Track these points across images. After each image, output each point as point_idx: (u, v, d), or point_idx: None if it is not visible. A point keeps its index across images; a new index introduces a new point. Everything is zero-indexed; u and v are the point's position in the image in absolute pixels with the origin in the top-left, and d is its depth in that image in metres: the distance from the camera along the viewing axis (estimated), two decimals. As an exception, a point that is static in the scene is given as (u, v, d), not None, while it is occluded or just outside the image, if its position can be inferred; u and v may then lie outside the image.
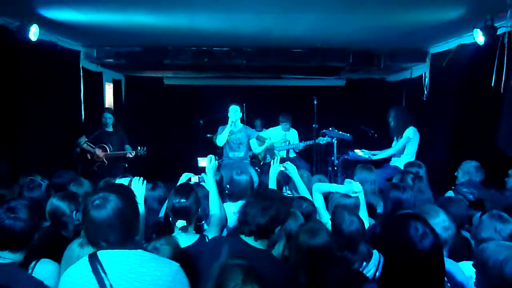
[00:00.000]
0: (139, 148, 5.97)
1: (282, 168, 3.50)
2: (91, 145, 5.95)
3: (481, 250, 1.76)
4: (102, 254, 1.72)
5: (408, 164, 4.35)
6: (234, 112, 5.64)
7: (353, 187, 3.12)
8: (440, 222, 2.40)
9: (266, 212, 2.16)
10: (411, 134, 5.59)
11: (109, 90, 8.08)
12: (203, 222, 2.91)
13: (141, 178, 2.78)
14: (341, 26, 5.16)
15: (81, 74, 6.51)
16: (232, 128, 5.66)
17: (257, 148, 5.92)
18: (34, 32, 4.59)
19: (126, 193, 1.80)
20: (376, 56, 6.86)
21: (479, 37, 4.25)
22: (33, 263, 2.13)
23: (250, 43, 6.56)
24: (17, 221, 2.02)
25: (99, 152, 5.92)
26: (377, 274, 2.50)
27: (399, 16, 4.63)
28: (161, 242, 2.16)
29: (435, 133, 5.90)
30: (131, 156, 5.92)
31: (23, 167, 4.47)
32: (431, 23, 4.84)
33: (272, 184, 3.47)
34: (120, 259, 1.71)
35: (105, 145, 5.98)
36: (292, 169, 3.50)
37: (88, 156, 6.00)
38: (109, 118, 6.12)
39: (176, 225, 2.58)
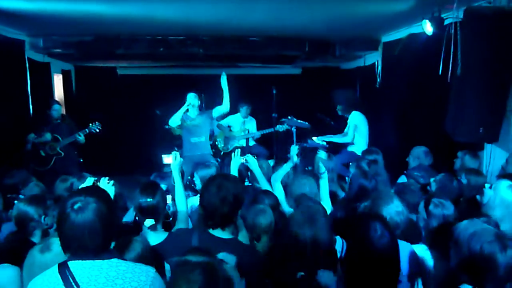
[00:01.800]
0: (91, 125, 5.82)
1: (243, 161, 3.52)
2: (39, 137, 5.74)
3: (455, 227, 1.91)
4: (74, 265, 1.62)
5: (366, 152, 4.52)
6: (193, 97, 5.59)
7: (292, 154, 3.47)
8: (394, 207, 2.57)
9: (225, 201, 2.17)
10: (356, 120, 5.82)
11: (58, 82, 7.71)
12: (170, 219, 2.88)
13: (107, 178, 2.67)
14: (296, 15, 5.20)
15: (27, 65, 6.15)
16: (190, 114, 5.59)
17: (227, 106, 5.85)
18: (-28, 21, 4.27)
19: (105, 196, 1.74)
20: (331, 45, 7.01)
21: (428, 27, 4.44)
22: None
23: (206, 32, 6.47)
24: None
25: (49, 135, 5.72)
26: (343, 255, 2.63)
27: (352, 5, 4.75)
28: (138, 243, 2.12)
29: (387, 120, 6.15)
30: (80, 137, 5.77)
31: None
32: (383, 13, 4.99)
33: None
34: (94, 271, 1.62)
35: (56, 136, 5.80)
36: (252, 162, 3.53)
37: (42, 152, 5.76)
38: (59, 110, 5.96)
39: (145, 224, 2.54)
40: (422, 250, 2.53)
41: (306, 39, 6.78)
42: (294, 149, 3.45)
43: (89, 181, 2.60)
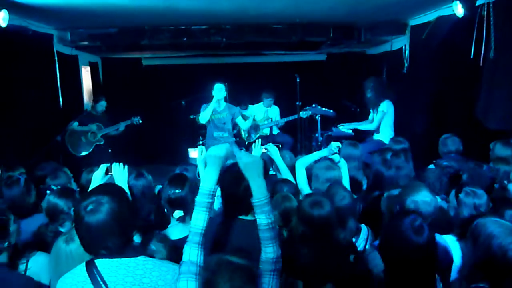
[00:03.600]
0: (133, 117, 6.33)
1: (264, 150, 3.51)
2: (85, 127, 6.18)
3: (475, 224, 1.84)
4: (101, 264, 1.62)
5: (394, 141, 4.41)
6: (219, 90, 5.47)
7: (331, 147, 3.23)
8: (421, 197, 2.48)
9: (246, 188, 2.15)
10: (385, 108, 5.68)
11: (86, 73, 7.88)
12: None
13: (121, 164, 2.70)
14: (320, 0, 5.09)
15: (56, 58, 6.30)
16: (216, 107, 5.55)
17: (244, 124, 5.86)
18: (3, 18, 4.41)
19: (118, 193, 1.71)
20: (356, 30, 6.83)
21: (458, 9, 4.27)
22: (25, 259, 2.11)
23: (228, 21, 6.43)
24: None
25: (94, 127, 6.15)
26: (367, 247, 2.60)
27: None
28: (155, 243, 2.14)
29: (416, 106, 5.98)
30: (121, 128, 6.29)
31: (1, 160, 4.34)
32: (410, -5, 4.83)
33: None
34: (121, 269, 1.61)
35: (99, 124, 6.24)
36: (274, 151, 3.51)
37: (83, 138, 6.08)
38: (103, 106, 6.42)
39: (174, 216, 2.57)
40: (451, 241, 2.47)
41: (330, 25, 6.64)
42: (334, 145, 3.26)
43: (102, 167, 2.62)
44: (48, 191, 2.94)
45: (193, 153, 3.28)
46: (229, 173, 2.07)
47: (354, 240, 2.58)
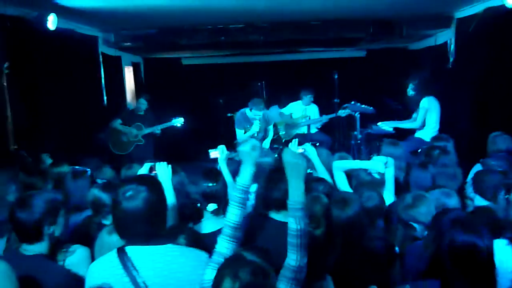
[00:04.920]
0: (173, 119, 6.27)
1: (301, 151, 3.46)
2: (125, 126, 6.27)
3: None
4: (132, 250, 1.69)
5: (435, 138, 4.23)
6: (258, 124, 5.79)
7: (377, 166, 3.02)
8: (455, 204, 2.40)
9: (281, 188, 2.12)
10: (426, 104, 5.46)
11: (129, 74, 8.15)
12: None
13: (165, 163, 2.76)
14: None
15: (101, 59, 6.57)
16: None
17: (256, 127, 5.94)
18: (52, 21, 4.63)
19: (156, 185, 1.79)
20: (397, 24, 6.60)
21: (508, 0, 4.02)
22: (64, 250, 2.20)
23: (265, 19, 6.43)
24: (27, 214, 1.97)
25: (134, 131, 6.23)
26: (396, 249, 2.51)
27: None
28: (182, 238, 2.17)
29: (461, 103, 5.70)
30: (157, 131, 6.29)
31: (52, 155, 4.58)
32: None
33: None
34: (151, 256, 1.68)
35: (139, 124, 6.29)
36: (311, 151, 3.45)
37: (124, 138, 6.23)
38: (144, 104, 6.41)
39: (207, 209, 2.61)
40: (501, 246, 2.32)
41: (370, 20, 6.47)
42: (381, 165, 3.04)
43: (145, 166, 2.68)
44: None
45: (213, 153, 3.29)
46: (272, 173, 2.14)
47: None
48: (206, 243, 2.07)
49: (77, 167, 3.42)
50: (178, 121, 6.27)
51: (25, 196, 2.05)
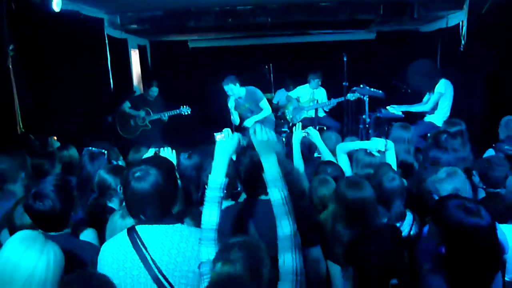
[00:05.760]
0: (181, 107, 6.27)
1: (305, 134, 3.43)
2: (134, 110, 6.29)
3: None
4: (141, 229, 1.73)
5: (448, 123, 4.15)
6: (230, 90, 5.56)
7: (376, 145, 3.00)
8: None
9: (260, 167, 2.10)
10: (442, 88, 5.35)
11: (135, 56, 8.09)
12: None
13: (169, 148, 2.75)
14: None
15: (106, 41, 6.51)
16: (238, 100, 5.62)
17: (268, 110, 5.79)
18: (57, 3, 4.58)
19: (167, 167, 1.80)
20: (408, 5, 6.44)
21: (525, -21, 3.88)
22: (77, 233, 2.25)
23: (274, 0, 6.30)
24: (46, 206, 1.99)
25: (142, 113, 6.25)
26: (411, 233, 2.49)
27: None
28: (187, 220, 2.18)
29: (473, 86, 5.59)
30: (164, 118, 6.29)
31: (59, 138, 4.58)
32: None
33: (296, 151, 3.41)
34: (160, 234, 1.71)
35: (148, 109, 6.31)
36: (314, 135, 3.43)
37: (132, 121, 6.24)
38: (156, 91, 6.42)
39: None
40: (510, 230, 2.29)
41: (380, 1, 6.31)
42: (381, 143, 3.00)
43: (150, 151, 2.71)
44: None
45: (218, 137, 3.28)
46: (245, 154, 2.08)
47: (398, 225, 2.47)
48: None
49: (93, 148, 3.43)
50: (186, 110, 6.28)
51: (40, 188, 2.04)
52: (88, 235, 2.30)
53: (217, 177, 1.77)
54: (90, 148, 3.43)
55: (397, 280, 1.61)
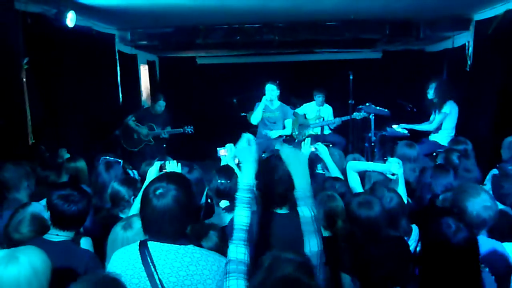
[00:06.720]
0: (185, 127, 6.31)
1: (313, 149, 3.45)
2: (138, 124, 6.28)
3: None
4: (153, 246, 1.71)
5: (454, 142, 4.16)
6: (271, 90, 5.53)
7: (391, 168, 2.98)
8: (481, 201, 2.31)
9: (281, 181, 2.05)
10: (447, 109, 5.37)
11: (144, 72, 8.23)
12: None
13: (175, 161, 2.79)
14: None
15: (117, 56, 6.64)
16: (269, 105, 5.58)
17: (289, 130, 5.83)
18: (71, 18, 4.71)
19: (186, 184, 1.79)
20: (414, 26, 6.53)
21: (530, 2, 3.94)
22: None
23: (281, 18, 6.43)
24: (74, 207, 2.15)
25: (145, 131, 6.25)
26: (417, 249, 2.49)
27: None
28: (214, 236, 2.18)
29: (479, 107, 5.61)
30: (165, 135, 6.29)
31: (68, 150, 4.64)
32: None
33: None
34: (171, 254, 1.69)
35: (152, 125, 6.31)
36: (323, 150, 3.45)
37: (135, 135, 6.28)
38: (163, 106, 6.40)
39: (220, 205, 2.63)
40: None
41: (386, 21, 6.41)
42: (395, 167, 2.92)
43: (156, 165, 2.70)
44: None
45: (222, 151, 3.30)
46: (265, 164, 2.06)
47: (406, 239, 2.47)
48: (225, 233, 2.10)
49: (110, 158, 3.48)
50: (189, 129, 6.35)
51: (69, 192, 2.19)
52: (85, 243, 2.36)
53: (246, 179, 1.79)
54: (106, 157, 3.47)
55: None
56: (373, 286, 1.67)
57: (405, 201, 2.98)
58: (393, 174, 2.99)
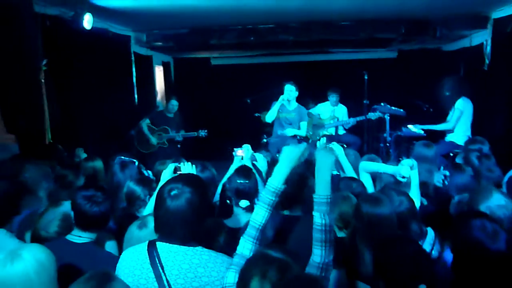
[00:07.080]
0: (200, 130, 6.40)
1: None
2: (152, 127, 6.35)
3: None
4: (161, 247, 1.70)
5: (470, 141, 4.08)
6: (289, 91, 5.53)
7: (401, 171, 2.91)
8: (494, 201, 2.29)
9: (289, 181, 1.98)
10: (461, 106, 5.28)
11: (159, 73, 8.31)
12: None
13: (189, 163, 2.79)
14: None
15: (133, 58, 6.73)
16: (286, 105, 5.58)
17: (304, 131, 5.81)
18: (88, 21, 4.79)
19: (201, 187, 1.78)
20: (430, 25, 6.43)
21: (550, -1, 3.84)
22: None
23: (295, 19, 6.41)
24: (96, 208, 2.16)
25: (155, 141, 6.31)
26: (433, 252, 2.44)
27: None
28: (222, 238, 2.19)
29: (497, 106, 5.49)
30: (179, 138, 6.38)
31: (84, 150, 4.72)
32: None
33: None
34: (179, 256, 1.69)
35: (166, 127, 6.37)
36: (339, 150, 3.42)
37: (147, 140, 6.35)
38: (175, 105, 6.46)
39: (240, 205, 2.63)
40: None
41: (402, 20, 6.33)
42: (405, 169, 2.85)
43: (170, 166, 2.69)
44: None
45: (239, 152, 3.29)
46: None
47: (420, 242, 2.43)
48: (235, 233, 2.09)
49: (125, 158, 3.52)
50: (203, 133, 6.44)
51: (93, 193, 2.20)
52: (111, 246, 2.38)
53: (274, 181, 1.76)
54: (121, 157, 3.51)
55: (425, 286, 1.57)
56: (398, 285, 1.60)
57: (418, 204, 2.94)
58: (403, 177, 2.93)
